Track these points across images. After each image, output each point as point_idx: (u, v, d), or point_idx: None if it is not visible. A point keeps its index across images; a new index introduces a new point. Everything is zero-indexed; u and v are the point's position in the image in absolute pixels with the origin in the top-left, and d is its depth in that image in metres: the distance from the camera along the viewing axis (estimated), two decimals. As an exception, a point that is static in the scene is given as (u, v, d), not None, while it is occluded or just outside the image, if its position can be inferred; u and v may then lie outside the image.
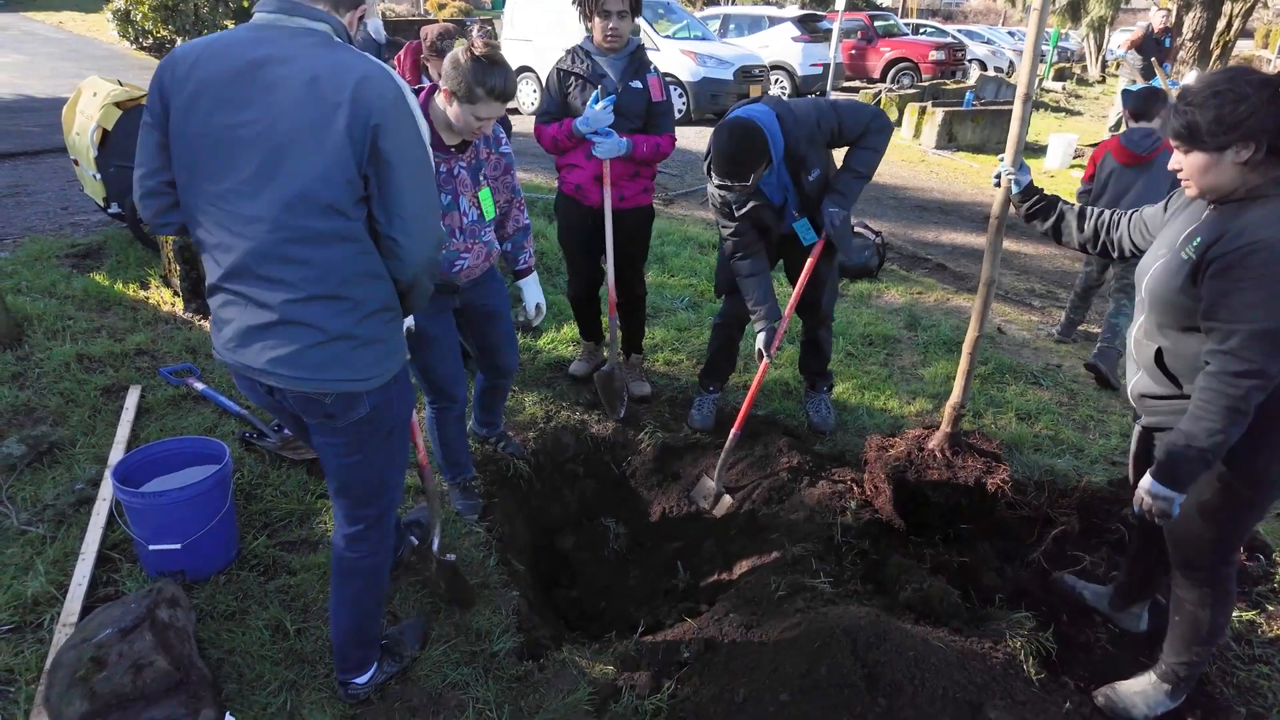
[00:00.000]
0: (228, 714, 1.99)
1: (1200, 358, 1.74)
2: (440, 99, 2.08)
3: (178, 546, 2.38)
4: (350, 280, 1.65)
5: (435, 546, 2.37)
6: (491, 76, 1.98)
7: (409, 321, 2.26)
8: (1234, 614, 2.54)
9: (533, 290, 2.73)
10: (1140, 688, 2.17)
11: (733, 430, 3.12)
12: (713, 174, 2.72)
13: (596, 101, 3.12)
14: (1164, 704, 2.15)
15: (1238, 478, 1.83)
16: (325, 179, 1.55)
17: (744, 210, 2.89)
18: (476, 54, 1.96)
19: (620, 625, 2.68)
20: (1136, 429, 2.12)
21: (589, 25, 3.19)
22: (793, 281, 3.17)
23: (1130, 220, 2.13)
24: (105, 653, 1.90)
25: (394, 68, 3.33)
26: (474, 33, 2.06)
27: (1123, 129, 4.25)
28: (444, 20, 21.14)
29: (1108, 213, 2.19)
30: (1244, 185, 1.68)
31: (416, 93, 2.21)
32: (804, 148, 2.77)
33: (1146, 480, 1.82)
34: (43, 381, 3.36)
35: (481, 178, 2.32)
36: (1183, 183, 1.78)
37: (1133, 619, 2.50)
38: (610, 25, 3.11)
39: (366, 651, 2.08)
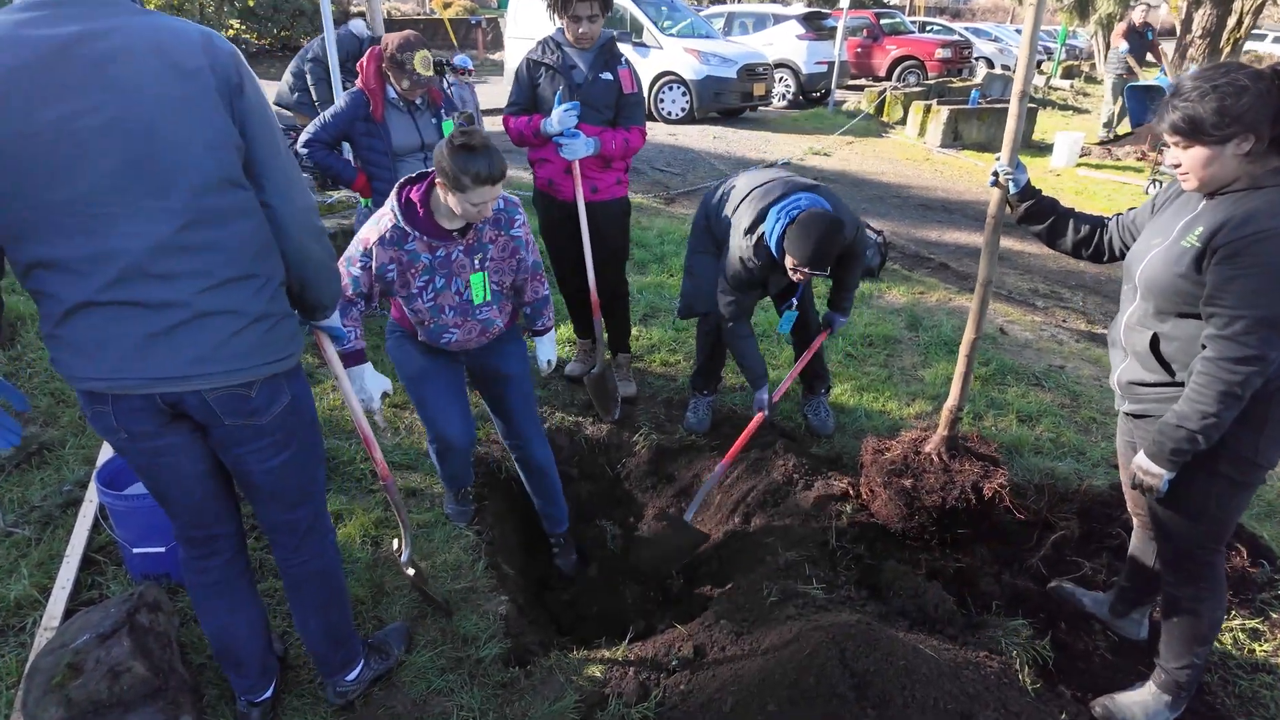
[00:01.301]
0: (205, 721, 1.97)
1: (1198, 342, 1.75)
2: (439, 190, 2.13)
3: (162, 550, 2.36)
4: (258, 256, 1.59)
5: (405, 558, 2.34)
6: (474, 164, 2.00)
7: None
8: (1239, 623, 2.49)
9: (546, 347, 2.72)
10: (1139, 698, 2.13)
11: (722, 462, 3.03)
12: (788, 257, 2.76)
13: (560, 103, 3.11)
14: (1163, 715, 2.11)
15: (1224, 459, 1.83)
16: (215, 152, 1.47)
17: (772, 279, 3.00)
18: (456, 145, 2.01)
19: (612, 630, 2.65)
20: (1121, 414, 2.12)
21: (561, 24, 3.20)
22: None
23: (1119, 221, 2.12)
24: (82, 659, 1.87)
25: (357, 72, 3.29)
26: (456, 120, 2.08)
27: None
28: (449, 19, 21.17)
29: (1100, 216, 2.20)
30: (1245, 176, 1.68)
31: (408, 187, 2.22)
32: None
33: (1140, 456, 1.88)
34: (34, 381, 3.35)
35: (478, 260, 2.32)
36: (1180, 177, 1.77)
37: (1133, 626, 2.45)
38: (580, 29, 3.13)
39: (348, 650, 2.04)
